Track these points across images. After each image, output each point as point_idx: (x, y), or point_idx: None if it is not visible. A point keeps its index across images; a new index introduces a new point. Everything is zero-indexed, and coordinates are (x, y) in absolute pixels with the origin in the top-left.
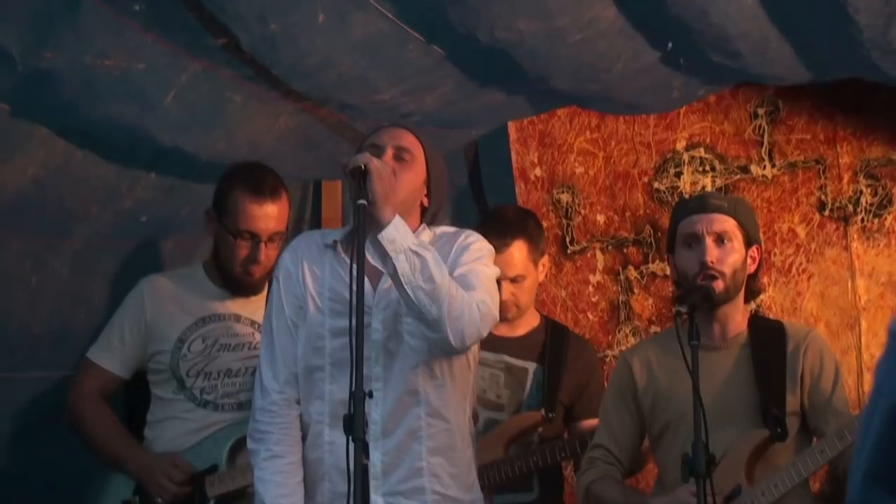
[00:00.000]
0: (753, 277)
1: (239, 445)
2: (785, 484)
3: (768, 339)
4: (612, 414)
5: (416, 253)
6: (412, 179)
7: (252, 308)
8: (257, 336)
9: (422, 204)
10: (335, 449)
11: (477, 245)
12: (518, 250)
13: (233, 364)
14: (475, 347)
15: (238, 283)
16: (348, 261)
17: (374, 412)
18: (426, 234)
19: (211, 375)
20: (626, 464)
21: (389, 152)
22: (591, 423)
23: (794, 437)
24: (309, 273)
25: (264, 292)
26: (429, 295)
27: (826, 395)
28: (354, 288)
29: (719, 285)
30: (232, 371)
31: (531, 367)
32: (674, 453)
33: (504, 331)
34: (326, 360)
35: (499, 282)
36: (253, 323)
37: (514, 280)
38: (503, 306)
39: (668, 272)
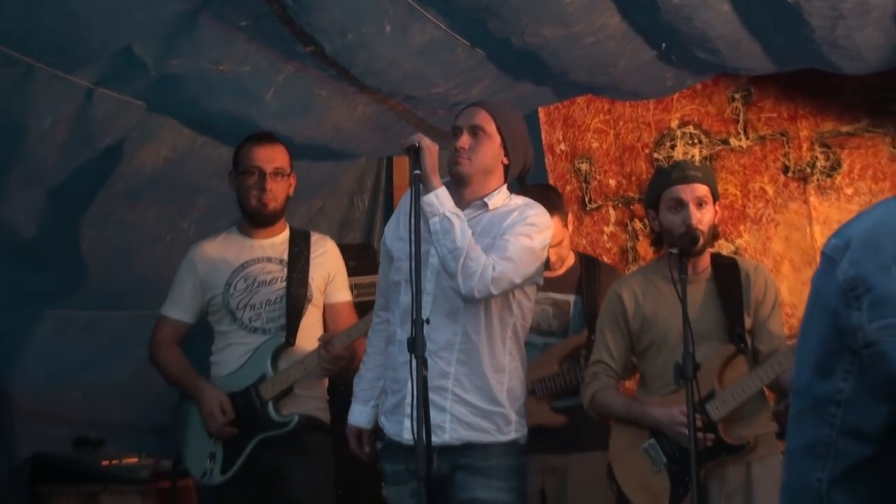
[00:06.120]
0: (715, 225)
1: (277, 355)
2: (750, 388)
3: (726, 272)
4: (607, 335)
5: (447, 218)
6: (487, 148)
7: (278, 250)
8: (284, 271)
9: (504, 164)
10: (402, 347)
11: (532, 219)
12: (555, 224)
13: (270, 295)
14: (522, 296)
15: (257, 214)
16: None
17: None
18: (500, 196)
19: (255, 306)
20: (621, 374)
21: (466, 131)
22: None
23: (752, 349)
24: (405, 213)
25: (285, 234)
26: (450, 252)
27: (764, 318)
28: (412, 244)
29: (701, 241)
30: (271, 301)
31: (572, 298)
32: (658, 365)
33: (547, 273)
34: (402, 276)
35: None
36: (281, 261)
37: (556, 245)
38: (552, 264)
39: None
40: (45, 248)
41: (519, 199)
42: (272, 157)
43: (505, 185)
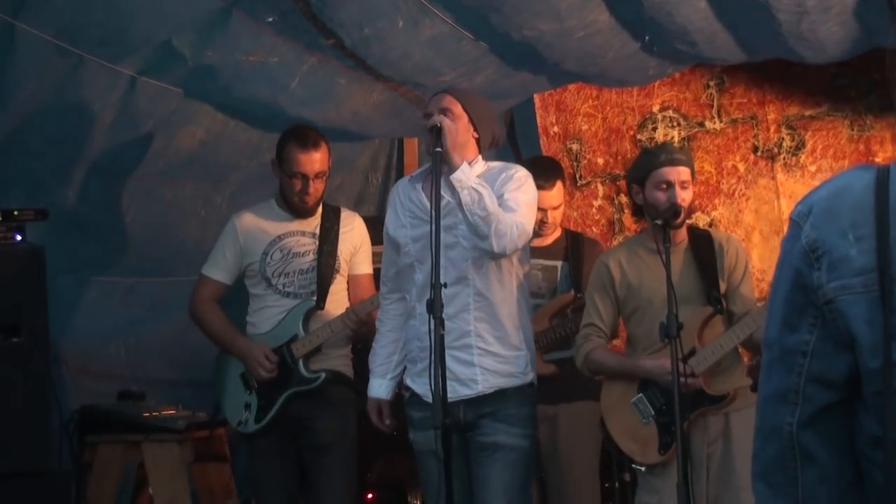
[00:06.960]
0: (692, 202)
1: (308, 317)
2: (727, 344)
3: (702, 243)
4: (597, 301)
5: (475, 189)
6: (457, 126)
7: (312, 225)
8: (316, 243)
9: (475, 137)
10: (423, 318)
11: (518, 176)
12: (559, 188)
13: (303, 265)
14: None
15: (298, 209)
16: (421, 191)
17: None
18: (480, 165)
19: (289, 274)
20: (610, 335)
21: (437, 115)
22: None
23: (727, 311)
24: (400, 202)
25: (318, 209)
26: (483, 219)
27: (736, 283)
28: (433, 215)
29: (682, 215)
30: (303, 270)
31: (559, 264)
32: (643, 327)
33: (537, 242)
34: (413, 258)
35: (546, 210)
36: (314, 235)
37: (556, 208)
38: (545, 227)
39: None
40: (92, 220)
41: (496, 164)
42: (314, 163)
43: (480, 156)
